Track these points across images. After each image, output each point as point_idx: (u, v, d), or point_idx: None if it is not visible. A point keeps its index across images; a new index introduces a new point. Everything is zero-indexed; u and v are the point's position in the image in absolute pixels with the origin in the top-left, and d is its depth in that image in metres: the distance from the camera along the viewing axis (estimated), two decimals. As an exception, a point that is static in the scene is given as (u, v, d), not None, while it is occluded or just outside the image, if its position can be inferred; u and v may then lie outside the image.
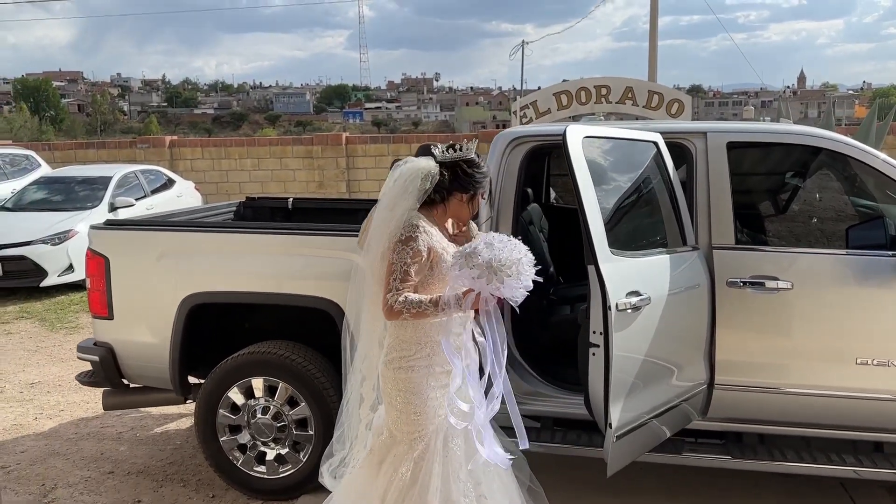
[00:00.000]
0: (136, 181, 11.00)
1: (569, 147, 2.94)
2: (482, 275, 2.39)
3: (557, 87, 13.25)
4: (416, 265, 2.55)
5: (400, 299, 2.49)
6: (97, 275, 4.03)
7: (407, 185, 2.62)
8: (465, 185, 2.68)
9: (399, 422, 2.65)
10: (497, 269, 2.39)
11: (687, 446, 3.55)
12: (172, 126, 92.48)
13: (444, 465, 2.61)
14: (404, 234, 2.55)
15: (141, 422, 5.15)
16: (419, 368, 2.62)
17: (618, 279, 2.93)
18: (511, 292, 2.44)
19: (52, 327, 7.68)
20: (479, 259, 2.40)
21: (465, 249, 2.48)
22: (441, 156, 2.69)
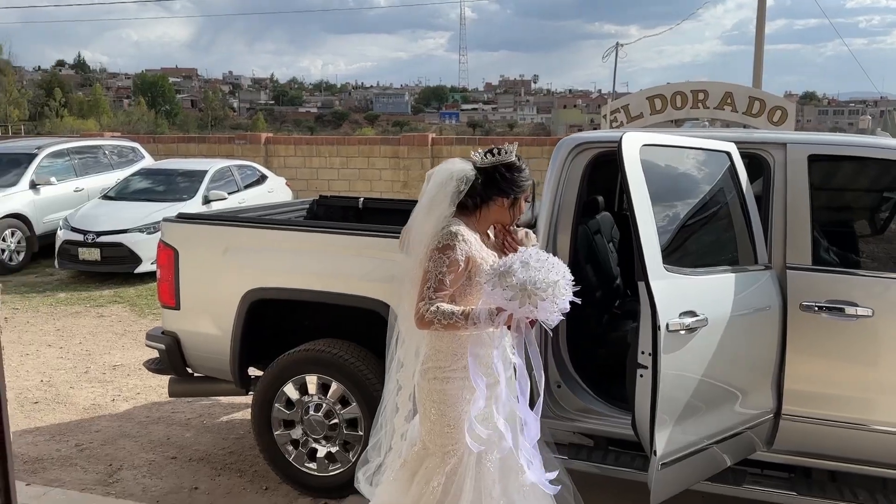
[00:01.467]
0: (230, 176, 11.40)
1: (623, 155, 2.80)
2: (515, 296, 2.28)
3: (651, 91, 12.83)
4: (453, 274, 2.47)
5: (432, 309, 2.42)
6: (167, 266, 4.18)
7: (440, 189, 2.55)
8: (505, 189, 2.58)
9: (432, 434, 2.59)
10: (531, 293, 2.27)
11: (750, 478, 3.33)
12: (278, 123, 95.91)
13: (477, 481, 2.53)
14: (442, 241, 2.48)
15: (209, 409, 5.32)
16: (455, 380, 2.54)
17: (671, 298, 2.77)
18: (545, 315, 2.31)
19: (141, 313, 8.07)
20: (512, 279, 2.29)
21: (499, 267, 2.37)
22: (480, 161, 2.60)
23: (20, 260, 10.31)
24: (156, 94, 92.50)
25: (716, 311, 2.95)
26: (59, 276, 9.79)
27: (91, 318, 7.84)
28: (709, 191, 3.35)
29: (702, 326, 2.86)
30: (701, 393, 2.95)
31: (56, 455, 4.50)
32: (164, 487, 4.10)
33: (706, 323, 2.87)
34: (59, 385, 5.75)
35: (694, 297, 2.89)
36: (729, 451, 3.17)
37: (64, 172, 11.42)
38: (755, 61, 16.49)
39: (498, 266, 2.38)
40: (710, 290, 3.01)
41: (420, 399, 2.62)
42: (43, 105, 63.64)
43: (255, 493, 4.06)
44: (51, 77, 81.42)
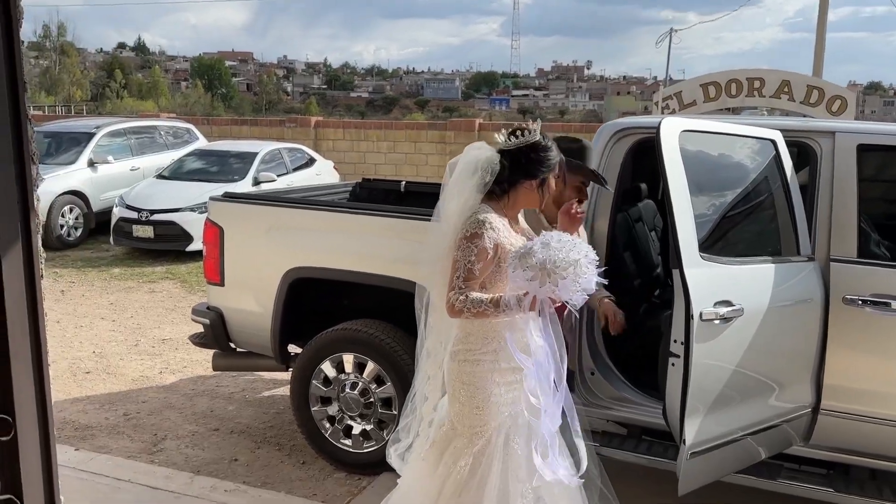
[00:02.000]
0: (280, 158, 11.59)
1: (662, 140, 2.76)
2: (535, 276, 2.28)
3: (705, 78, 12.54)
4: (482, 262, 2.46)
5: (461, 298, 2.42)
6: (213, 243, 4.29)
7: (467, 179, 2.55)
8: (531, 170, 2.55)
9: (461, 415, 2.61)
10: (551, 271, 2.26)
11: (785, 472, 3.28)
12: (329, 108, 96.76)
13: (504, 463, 2.54)
14: (470, 230, 2.48)
15: (252, 384, 5.46)
16: (484, 363, 2.55)
17: (706, 287, 2.73)
18: (567, 294, 2.30)
19: (191, 289, 8.29)
20: (532, 260, 2.29)
21: (520, 249, 2.37)
22: (505, 143, 2.57)
23: (78, 235, 10.69)
24: (212, 77, 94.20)
25: (753, 301, 2.90)
26: (113, 252, 10.11)
27: (143, 293, 8.10)
28: (752, 179, 3.28)
29: (738, 316, 2.82)
30: (735, 384, 2.91)
31: (105, 423, 4.69)
32: (206, 458, 4.24)
33: (742, 313, 2.83)
34: (110, 356, 5.97)
35: (731, 286, 2.85)
36: (763, 443, 3.12)
37: (121, 152, 11.76)
38: (816, 49, 15.96)
39: (519, 248, 2.38)
40: (749, 279, 2.96)
41: (449, 380, 2.64)
42: (104, 86, 65.55)
43: (292, 467, 4.16)
44: (112, 59, 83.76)
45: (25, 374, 1.66)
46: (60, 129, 12.06)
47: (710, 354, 2.77)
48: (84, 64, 72.55)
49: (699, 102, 12.34)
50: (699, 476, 2.90)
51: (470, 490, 2.54)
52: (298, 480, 4.00)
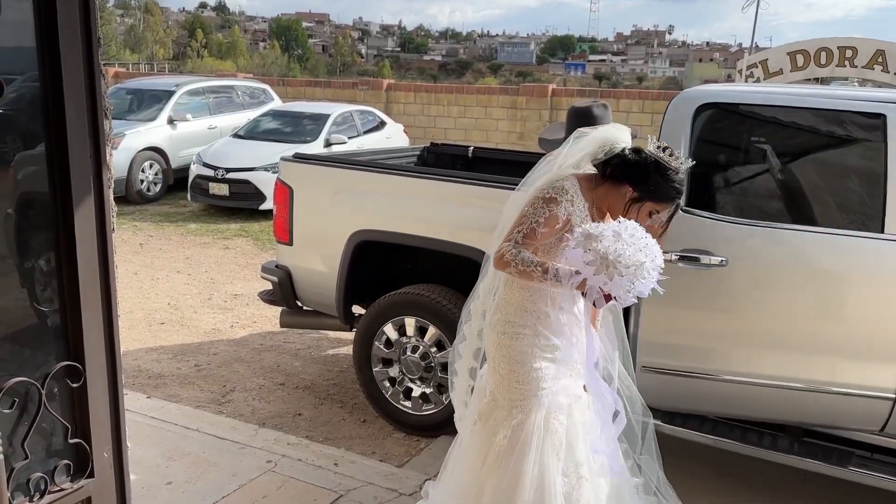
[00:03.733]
0: (351, 121, 11.67)
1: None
2: (594, 262, 2.19)
3: (793, 46, 11.93)
4: (547, 228, 2.40)
5: (513, 251, 2.36)
6: (282, 203, 4.36)
7: (584, 146, 2.47)
8: (639, 182, 2.42)
9: (501, 387, 2.57)
10: (612, 263, 2.16)
11: (856, 460, 3.15)
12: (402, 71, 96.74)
13: (543, 441, 2.48)
14: (549, 192, 2.41)
15: (317, 342, 5.58)
16: (524, 337, 2.49)
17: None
18: (617, 291, 2.20)
19: (263, 247, 8.50)
20: (598, 245, 2.19)
21: (589, 229, 2.27)
22: (646, 146, 2.44)
23: (157, 191, 11.07)
24: (289, 38, 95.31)
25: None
26: (190, 208, 10.44)
27: (217, 248, 8.35)
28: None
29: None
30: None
31: (177, 373, 4.88)
32: (271, 411, 4.37)
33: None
34: (184, 309, 6.19)
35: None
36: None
37: (199, 110, 12.06)
38: (918, 15, 14.94)
39: (587, 228, 2.28)
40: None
41: (489, 351, 2.60)
42: (185, 45, 67.21)
43: (352, 424, 4.25)
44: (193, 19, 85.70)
45: (96, 324, 1.73)
46: (142, 87, 12.44)
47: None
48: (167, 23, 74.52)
49: (785, 71, 11.77)
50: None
51: (509, 464, 2.50)
52: (359, 438, 4.08)
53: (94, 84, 1.65)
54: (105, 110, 1.70)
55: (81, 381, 1.71)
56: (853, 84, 11.77)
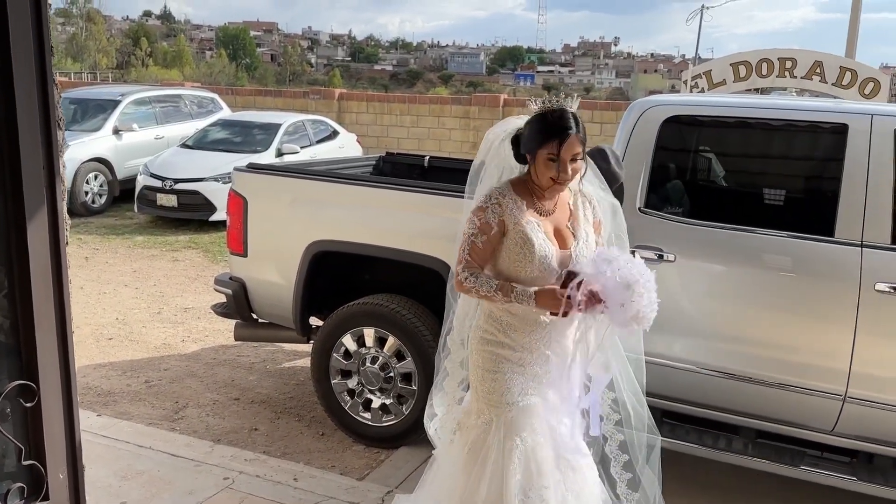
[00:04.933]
0: (303, 130, 11.57)
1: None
2: (628, 308, 2.22)
3: (735, 57, 12.27)
4: (485, 236, 2.39)
5: (467, 274, 2.39)
6: (236, 214, 4.29)
7: (491, 149, 2.49)
8: (526, 142, 2.39)
9: (473, 394, 2.57)
10: (638, 319, 2.25)
11: (808, 459, 3.25)
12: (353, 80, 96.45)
13: (504, 458, 2.44)
14: (476, 203, 2.44)
15: (272, 355, 5.49)
16: (496, 343, 2.49)
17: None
18: (613, 316, 2.26)
19: (213, 259, 8.34)
20: (626, 294, 2.22)
21: (628, 277, 2.25)
22: (535, 108, 2.41)
23: (102, 203, 10.78)
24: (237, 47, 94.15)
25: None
26: (137, 220, 10.19)
27: (166, 261, 8.16)
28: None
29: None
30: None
31: (127, 390, 4.74)
32: (226, 426, 4.28)
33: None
34: (132, 324, 6.03)
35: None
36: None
37: (145, 120, 11.81)
38: (850, 29, 15.53)
39: (628, 277, 2.25)
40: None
41: (470, 355, 2.60)
42: (129, 54, 65.78)
43: (311, 438, 4.19)
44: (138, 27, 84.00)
45: (49, 342, 1.67)
46: (86, 96, 12.11)
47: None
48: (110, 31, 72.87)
49: (729, 82, 12.09)
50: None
51: (470, 473, 2.49)
52: (317, 451, 4.02)
53: (47, 95, 1.60)
54: (58, 121, 1.64)
55: (35, 400, 1.65)
56: (791, 94, 12.20)
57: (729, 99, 4.39)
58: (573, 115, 2.36)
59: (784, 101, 4.39)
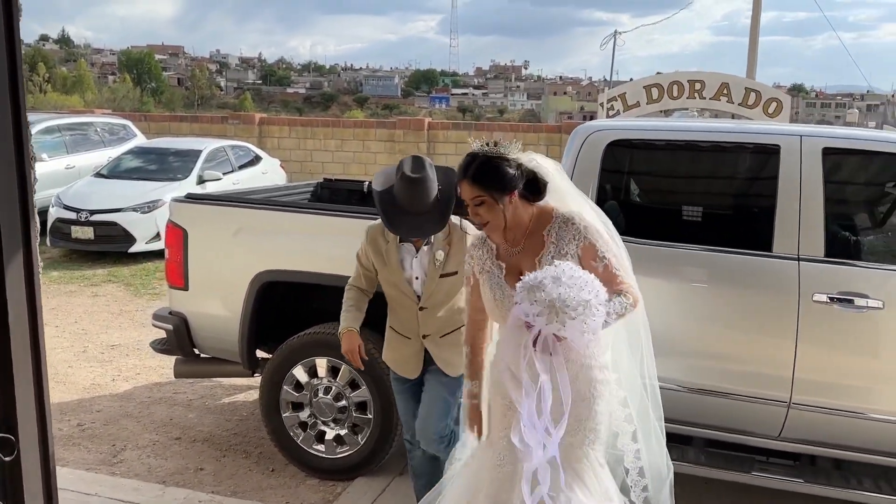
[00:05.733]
0: (224, 156, 11.32)
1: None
2: (542, 312, 2.20)
3: (648, 80, 12.85)
4: (469, 287, 2.63)
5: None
6: (175, 246, 4.15)
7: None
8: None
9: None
10: (559, 310, 2.17)
11: (757, 465, 3.39)
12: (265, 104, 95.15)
13: (469, 482, 2.56)
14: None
15: (211, 391, 5.31)
16: (490, 376, 2.61)
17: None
18: (573, 334, 2.22)
19: (136, 292, 8.02)
20: (541, 295, 2.19)
21: (529, 281, 2.25)
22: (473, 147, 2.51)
23: (11, 237, 10.18)
24: (141, 71, 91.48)
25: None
26: (50, 255, 9.69)
27: (86, 297, 7.79)
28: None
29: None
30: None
31: (58, 434, 4.48)
32: (170, 468, 4.10)
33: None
34: (57, 364, 5.71)
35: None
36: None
37: (54, 149, 11.28)
38: (749, 52, 16.53)
39: (528, 280, 2.27)
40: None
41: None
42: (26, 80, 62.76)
43: (261, 475, 4.07)
44: (34, 52, 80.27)
45: (27, 393, 1.58)
46: (-11, 125, 11.47)
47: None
48: (4, 56, 69.31)
49: (642, 104, 12.62)
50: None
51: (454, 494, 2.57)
52: (270, 488, 3.91)
53: (21, 131, 1.53)
54: (31, 159, 1.57)
55: (15, 454, 1.55)
56: (693, 115, 12.83)
57: (669, 123, 4.59)
58: (480, 159, 2.43)
59: (719, 124, 4.62)
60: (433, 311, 3.12)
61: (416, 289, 3.11)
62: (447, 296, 3.12)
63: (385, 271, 3.14)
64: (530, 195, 2.49)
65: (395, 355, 3.26)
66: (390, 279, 3.14)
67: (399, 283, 3.12)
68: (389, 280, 3.14)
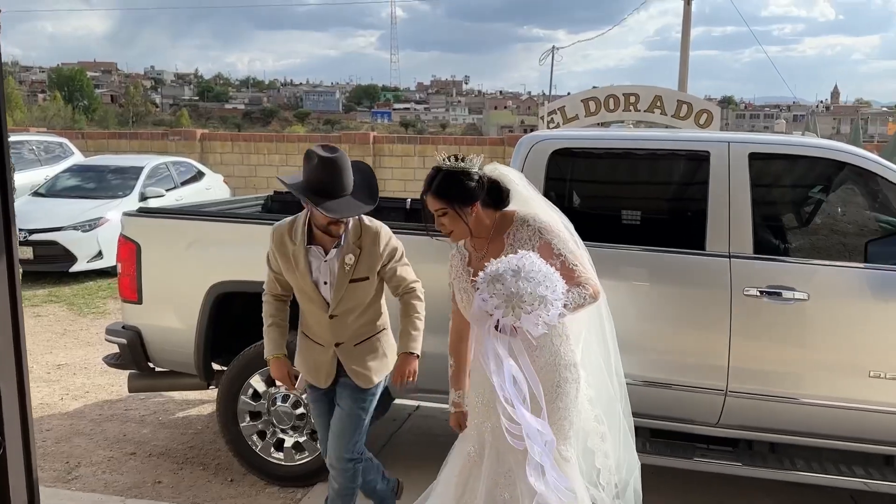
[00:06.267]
0: (166, 172, 11.21)
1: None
2: (500, 306, 2.31)
3: (586, 94, 13.27)
4: (453, 296, 2.79)
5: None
6: (128, 260, 4.16)
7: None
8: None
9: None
10: (515, 304, 2.28)
11: (699, 452, 3.60)
12: (203, 120, 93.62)
13: (452, 464, 2.72)
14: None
15: (164, 406, 5.29)
16: (471, 379, 2.78)
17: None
18: (529, 325, 2.32)
19: (80, 311, 7.88)
20: (500, 287, 2.30)
21: (490, 272, 2.36)
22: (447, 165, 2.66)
23: (-57, 259, 9.86)
24: (73, 88, 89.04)
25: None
26: (-13, 276, 9.41)
27: (28, 317, 7.59)
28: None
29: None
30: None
31: (9, 454, 4.41)
32: (127, 482, 4.09)
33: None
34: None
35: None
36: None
37: (-12, 168, 10.97)
38: (681, 66, 17.19)
39: (490, 270, 2.36)
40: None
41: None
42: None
43: (220, 485, 4.09)
44: (-42, 69, 77.29)
45: (11, 394, 1.64)
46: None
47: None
48: (-76, 74, 66.57)
49: (581, 116, 13.02)
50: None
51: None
52: (229, 498, 3.94)
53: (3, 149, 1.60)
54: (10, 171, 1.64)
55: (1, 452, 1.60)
56: (628, 126, 13.31)
57: (608, 133, 4.83)
58: (443, 174, 2.61)
59: (654, 133, 4.88)
60: (344, 318, 3.00)
61: (324, 295, 2.98)
62: (358, 302, 3.00)
63: (292, 276, 3.00)
64: (494, 203, 2.67)
65: (306, 362, 3.14)
66: (298, 284, 3.01)
67: (307, 288, 2.98)
68: (297, 285, 3.02)
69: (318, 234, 2.98)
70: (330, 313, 2.99)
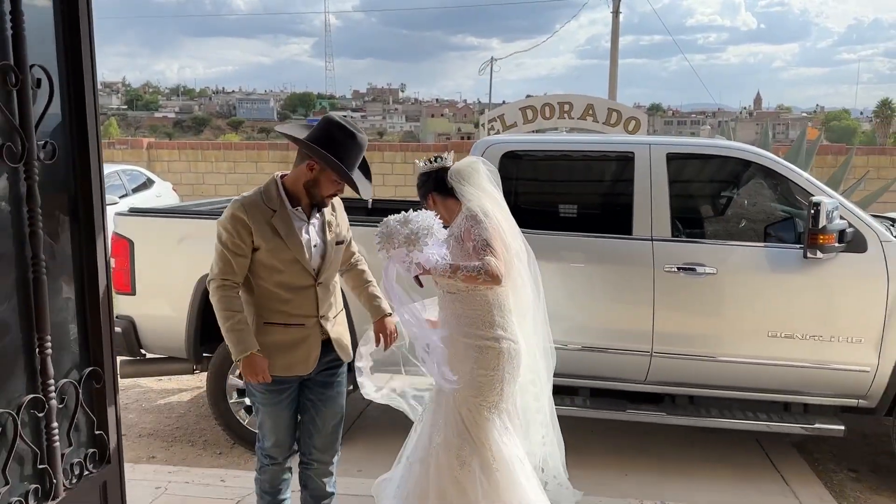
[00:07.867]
0: (117, 180, 11.38)
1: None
2: (380, 242, 2.87)
3: (523, 103, 14.04)
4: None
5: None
6: (122, 255, 4.58)
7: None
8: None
9: None
10: (414, 241, 2.82)
11: (630, 406, 4.26)
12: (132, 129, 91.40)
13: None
14: None
15: (145, 395, 5.67)
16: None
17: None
18: (435, 257, 2.88)
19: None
20: (384, 229, 2.88)
21: (382, 232, 2.89)
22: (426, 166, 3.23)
23: None
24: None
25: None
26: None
27: None
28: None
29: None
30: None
31: None
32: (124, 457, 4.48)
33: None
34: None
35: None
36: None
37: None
38: (610, 76, 18.20)
39: (380, 230, 2.89)
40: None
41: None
42: None
43: (210, 457, 4.53)
44: None
45: (107, 336, 2.13)
46: None
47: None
48: None
49: (519, 124, 13.78)
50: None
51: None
52: (220, 467, 4.39)
53: (98, 143, 2.10)
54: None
55: (101, 382, 2.09)
56: (562, 133, 14.12)
57: (550, 137, 5.47)
58: (424, 171, 3.23)
59: (587, 137, 5.57)
60: (326, 286, 2.91)
61: (312, 259, 2.84)
62: (335, 269, 2.97)
63: (277, 245, 2.77)
64: (446, 195, 3.18)
65: (286, 354, 2.87)
66: (284, 255, 2.78)
67: (299, 255, 2.79)
68: (282, 256, 2.78)
69: (300, 200, 2.87)
70: (318, 280, 2.85)
